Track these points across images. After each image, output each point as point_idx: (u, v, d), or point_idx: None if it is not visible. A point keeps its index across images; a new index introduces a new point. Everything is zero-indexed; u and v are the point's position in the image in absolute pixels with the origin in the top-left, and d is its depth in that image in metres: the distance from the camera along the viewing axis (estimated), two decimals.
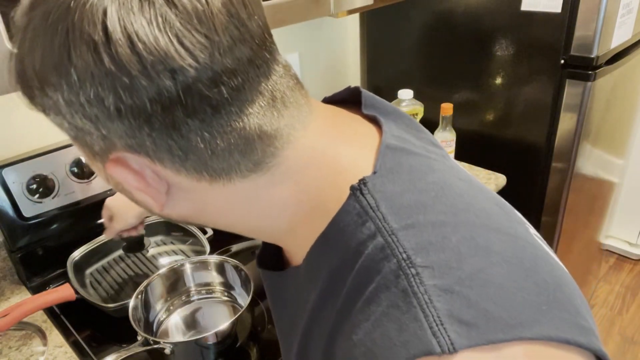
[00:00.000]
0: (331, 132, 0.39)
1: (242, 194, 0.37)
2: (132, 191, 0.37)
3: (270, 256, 0.49)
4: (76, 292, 0.89)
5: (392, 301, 0.31)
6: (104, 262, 1.00)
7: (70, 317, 0.92)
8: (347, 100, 0.46)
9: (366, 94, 0.45)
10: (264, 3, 0.86)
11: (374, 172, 0.35)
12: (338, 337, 0.35)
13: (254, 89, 0.34)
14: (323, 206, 0.37)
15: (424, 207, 0.34)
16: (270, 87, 0.35)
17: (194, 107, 0.32)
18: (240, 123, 0.34)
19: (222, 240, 1.03)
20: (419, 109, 1.27)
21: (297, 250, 0.41)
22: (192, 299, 0.91)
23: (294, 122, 0.37)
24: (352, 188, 0.35)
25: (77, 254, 0.98)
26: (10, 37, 0.59)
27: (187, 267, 0.90)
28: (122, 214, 0.88)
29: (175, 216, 0.40)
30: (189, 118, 0.32)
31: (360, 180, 0.35)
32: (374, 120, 0.42)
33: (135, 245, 1.00)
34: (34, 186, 0.94)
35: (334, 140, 0.39)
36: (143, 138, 0.33)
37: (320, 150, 0.38)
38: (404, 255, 0.31)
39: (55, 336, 0.87)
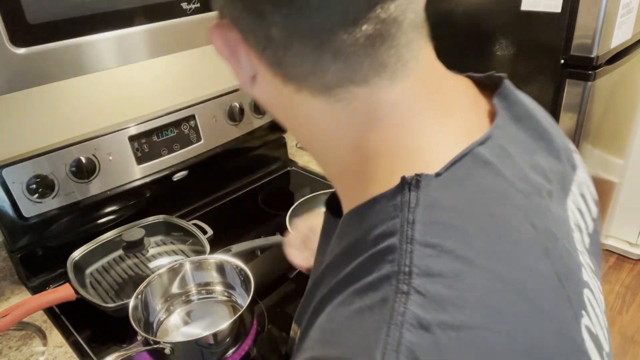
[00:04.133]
0: (431, 100, 0.35)
1: (305, 111, 0.37)
2: (228, 63, 0.39)
3: (335, 201, 0.45)
4: (76, 292, 0.89)
5: (373, 302, 0.30)
6: (104, 262, 1.00)
7: (70, 317, 0.92)
8: (486, 85, 0.41)
9: (508, 85, 0.40)
10: None
11: (437, 174, 0.32)
12: (328, 305, 0.34)
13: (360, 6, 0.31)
14: (373, 173, 0.35)
15: (461, 234, 0.30)
16: (385, 14, 0.32)
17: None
18: (322, 36, 0.32)
19: (222, 240, 1.03)
20: None
21: (343, 203, 0.40)
22: (192, 299, 0.90)
23: (388, 65, 0.33)
24: (404, 180, 0.32)
25: (77, 254, 0.98)
26: (11, 37, 0.59)
27: (187, 267, 0.90)
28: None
29: (261, 103, 0.41)
30: (274, 7, 0.32)
31: (415, 175, 0.32)
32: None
33: (135, 245, 1.00)
34: (34, 186, 0.94)
35: (427, 112, 0.35)
36: (236, 13, 0.34)
37: (401, 114, 0.34)
38: (407, 269, 0.29)
39: (55, 336, 0.87)
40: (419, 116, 0.35)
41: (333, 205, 0.44)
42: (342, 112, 0.35)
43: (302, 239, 0.83)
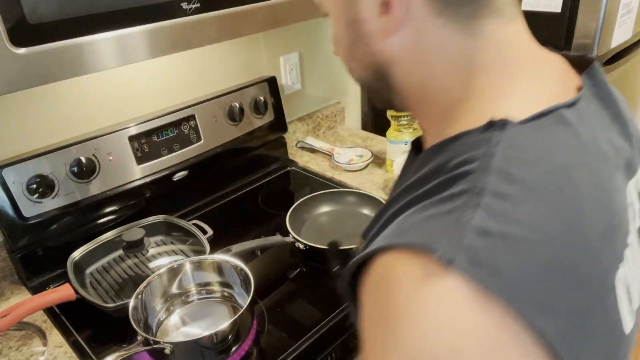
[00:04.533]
0: (531, 50, 0.42)
1: (434, 42, 0.41)
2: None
3: (419, 143, 0.53)
4: (76, 292, 0.89)
5: (445, 210, 0.35)
6: (104, 262, 1.00)
7: (70, 317, 0.92)
8: (578, 65, 0.46)
9: (598, 66, 0.45)
10: (263, 3, 0.86)
11: (521, 122, 0.37)
12: (401, 215, 0.40)
13: None
14: (465, 112, 0.41)
15: (533, 171, 0.35)
16: None
17: None
18: None
19: (222, 240, 1.03)
20: None
21: (426, 138, 0.47)
22: (192, 299, 0.91)
23: (511, 5, 0.42)
24: (492, 121, 0.37)
25: (77, 254, 0.98)
26: (11, 37, 0.59)
27: (187, 267, 0.90)
28: None
29: (386, 55, 0.44)
30: None
31: (502, 119, 0.37)
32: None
33: (135, 245, 1.00)
34: (34, 186, 0.94)
35: (527, 61, 0.41)
36: None
37: (510, 56, 0.41)
38: (479, 188, 0.34)
39: (55, 336, 0.87)
40: (519, 64, 0.41)
41: (417, 146, 0.52)
42: (470, 46, 0.41)
43: None
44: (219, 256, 0.91)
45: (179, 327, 0.86)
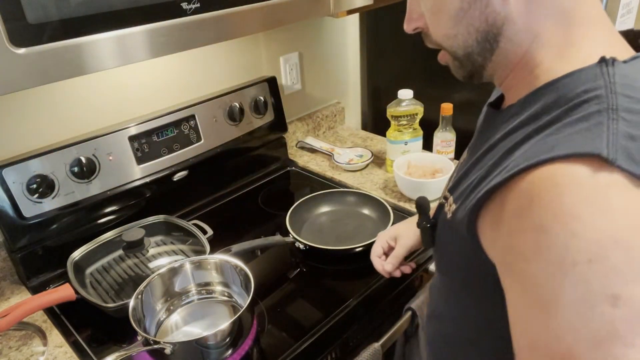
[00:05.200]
0: (604, 16, 0.50)
1: (550, 5, 0.48)
2: None
3: (498, 101, 0.62)
4: (76, 292, 0.89)
5: (589, 126, 0.41)
6: (104, 262, 1.00)
7: (70, 317, 0.92)
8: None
9: None
10: (263, 3, 0.86)
11: (624, 61, 0.46)
12: (521, 147, 0.46)
13: None
14: (571, 54, 0.48)
15: None
16: None
17: None
18: None
19: (222, 240, 1.03)
20: (419, 109, 1.27)
21: (512, 93, 0.54)
22: (192, 299, 0.91)
23: None
24: (603, 58, 0.45)
25: (77, 254, 0.98)
26: (11, 37, 0.59)
27: (187, 267, 0.90)
28: (407, 231, 0.87)
29: (502, 16, 0.50)
30: None
31: (613, 57, 0.45)
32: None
33: (135, 245, 1.00)
34: (34, 186, 0.94)
35: (605, 19, 0.50)
36: None
37: (595, 19, 0.49)
38: (614, 107, 0.42)
39: (55, 336, 0.87)
40: (604, 21, 0.50)
41: (495, 105, 0.60)
42: (568, 9, 0.48)
43: (385, 248, 0.90)
44: (219, 256, 0.91)
45: (179, 327, 0.86)
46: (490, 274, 0.50)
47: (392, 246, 0.89)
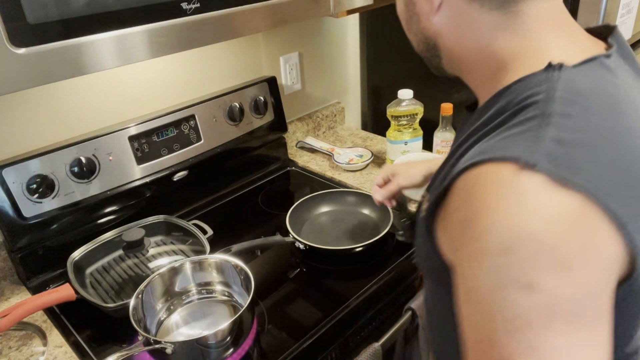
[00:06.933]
0: (565, 22, 0.51)
1: (478, 25, 0.51)
2: None
3: (474, 105, 0.65)
4: (76, 292, 0.89)
5: (522, 131, 0.43)
6: (104, 262, 1.00)
7: (70, 317, 0.92)
8: (599, 35, 0.55)
9: (619, 31, 0.53)
10: (263, 3, 0.86)
11: (573, 66, 0.46)
12: (472, 148, 0.48)
13: None
14: (516, 68, 0.50)
15: (588, 99, 0.44)
16: None
17: None
18: None
19: (222, 240, 1.03)
20: (419, 109, 1.27)
21: (480, 96, 0.57)
22: (192, 298, 0.91)
23: None
24: (551, 64, 0.47)
25: (77, 254, 0.98)
26: (11, 37, 0.59)
27: (187, 267, 0.90)
28: (406, 171, 0.96)
29: (435, 29, 0.54)
30: None
31: (559, 62, 0.46)
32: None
33: (135, 245, 1.00)
34: (34, 186, 0.94)
35: (562, 30, 0.50)
36: None
37: (546, 26, 0.49)
38: (549, 112, 0.43)
39: (55, 336, 0.87)
40: (555, 31, 0.50)
41: (471, 107, 0.64)
42: (509, 23, 0.50)
43: (384, 179, 1.00)
44: (219, 256, 0.91)
45: (180, 326, 0.86)
46: (449, 270, 0.52)
47: (390, 180, 0.99)
